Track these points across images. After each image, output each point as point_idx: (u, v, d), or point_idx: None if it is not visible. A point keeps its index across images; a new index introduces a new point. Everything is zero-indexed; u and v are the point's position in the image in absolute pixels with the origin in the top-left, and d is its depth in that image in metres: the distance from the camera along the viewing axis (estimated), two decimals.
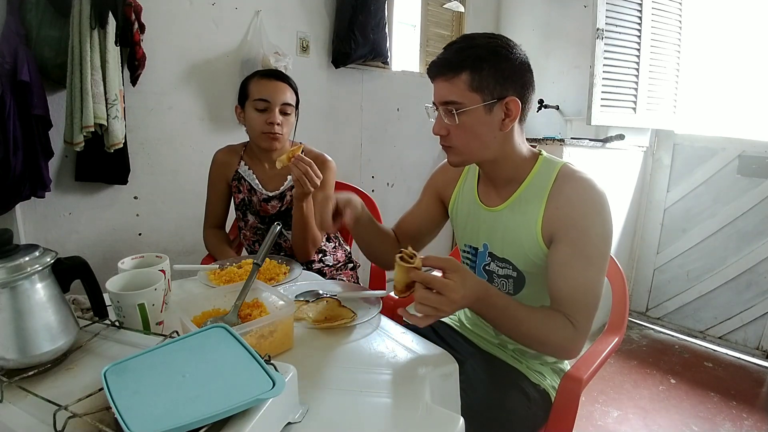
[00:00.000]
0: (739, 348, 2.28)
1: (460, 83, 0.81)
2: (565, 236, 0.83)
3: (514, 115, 0.84)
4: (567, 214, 0.84)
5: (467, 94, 0.81)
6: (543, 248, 0.87)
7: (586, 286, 0.82)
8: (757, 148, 2.17)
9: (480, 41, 0.82)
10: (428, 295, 0.72)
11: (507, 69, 0.82)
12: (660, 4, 2.23)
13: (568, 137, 2.27)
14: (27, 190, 1.42)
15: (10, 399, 0.60)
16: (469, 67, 0.80)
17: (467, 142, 0.86)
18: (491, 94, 0.81)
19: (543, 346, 0.85)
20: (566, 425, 0.91)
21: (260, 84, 1.27)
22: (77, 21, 1.38)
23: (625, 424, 1.76)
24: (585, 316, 0.82)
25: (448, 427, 0.60)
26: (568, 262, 0.83)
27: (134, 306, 0.77)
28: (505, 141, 0.87)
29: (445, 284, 0.72)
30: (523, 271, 0.92)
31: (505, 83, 0.82)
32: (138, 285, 0.80)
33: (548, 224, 0.86)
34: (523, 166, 0.91)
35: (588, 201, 0.84)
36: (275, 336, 0.74)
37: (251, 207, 1.40)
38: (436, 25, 2.76)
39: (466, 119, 0.83)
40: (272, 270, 1.08)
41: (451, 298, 0.72)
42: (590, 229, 0.83)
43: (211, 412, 0.48)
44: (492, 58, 0.81)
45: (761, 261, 2.18)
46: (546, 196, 0.87)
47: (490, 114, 0.83)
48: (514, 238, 0.91)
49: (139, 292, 0.77)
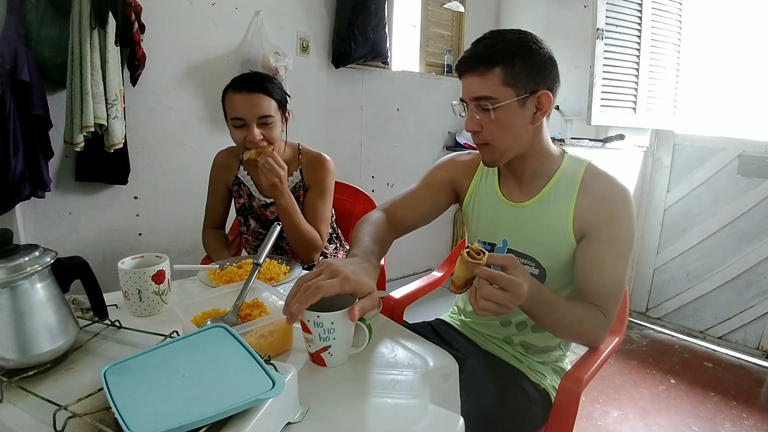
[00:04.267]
0: (739, 348, 2.28)
1: (493, 78, 0.82)
2: (598, 232, 0.86)
3: (546, 109, 0.85)
4: (600, 210, 0.86)
5: (501, 89, 0.82)
6: (573, 243, 0.89)
7: (617, 279, 0.86)
8: (757, 148, 2.17)
9: (509, 36, 0.83)
10: (494, 291, 0.72)
11: (538, 63, 0.83)
12: (660, 4, 2.23)
13: (568, 137, 2.27)
14: (27, 190, 1.42)
15: (10, 399, 0.60)
16: (502, 61, 0.81)
17: (501, 136, 0.86)
18: (524, 88, 0.82)
19: (578, 337, 0.90)
20: (566, 425, 0.91)
21: (234, 100, 1.20)
22: (77, 21, 1.39)
23: (625, 424, 1.76)
24: (615, 306, 0.87)
25: (448, 427, 0.60)
26: (601, 257, 0.85)
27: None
28: (534, 135, 0.88)
29: (511, 281, 0.71)
30: (545, 267, 0.92)
31: (537, 77, 0.83)
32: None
33: (580, 220, 0.87)
34: (550, 161, 0.92)
35: (618, 197, 0.86)
36: (275, 336, 0.74)
37: (252, 212, 1.39)
38: (436, 25, 2.76)
39: (501, 114, 0.83)
40: (272, 270, 1.08)
41: (517, 294, 0.71)
42: (621, 225, 0.85)
43: (211, 412, 0.48)
44: (523, 53, 0.81)
45: (761, 261, 2.18)
46: (576, 191, 0.88)
47: (523, 108, 0.84)
48: (542, 233, 0.91)
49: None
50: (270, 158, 1.15)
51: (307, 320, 0.69)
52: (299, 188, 1.34)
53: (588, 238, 0.87)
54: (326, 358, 0.71)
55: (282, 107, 1.26)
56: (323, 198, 1.33)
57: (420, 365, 0.73)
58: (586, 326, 0.85)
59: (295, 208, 1.22)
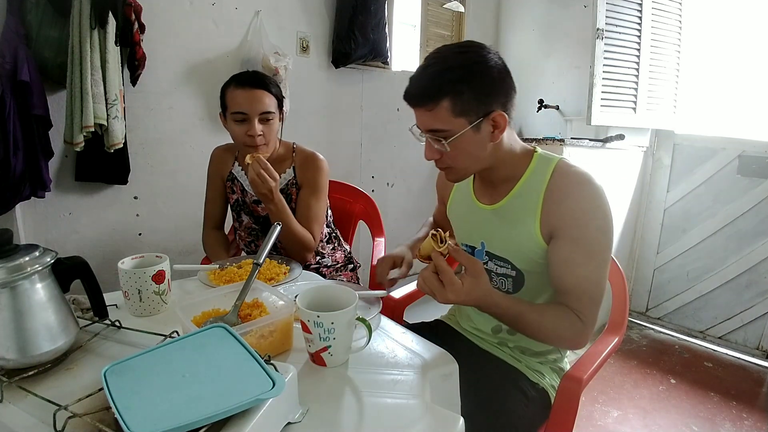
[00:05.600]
0: (739, 348, 2.28)
1: (442, 111, 0.79)
2: (564, 233, 0.84)
3: (503, 126, 0.82)
4: (565, 210, 0.84)
5: (452, 121, 0.80)
6: (542, 245, 0.87)
7: (590, 280, 0.83)
8: (757, 148, 2.17)
9: (453, 61, 0.80)
10: (432, 279, 0.76)
11: (487, 85, 0.80)
12: (660, 4, 2.23)
13: (568, 137, 2.27)
14: (27, 190, 1.42)
15: (10, 399, 0.60)
16: (449, 92, 0.78)
17: (461, 160, 0.86)
18: (476, 114, 0.80)
19: (553, 342, 0.90)
20: (566, 425, 0.91)
21: (236, 94, 1.22)
22: (77, 21, 1.38)
23: (625, 424, 1.76)
24: (591, 309, 0.84)
25: (448, 427, 0.60)
26: (569, 257, 0.83)
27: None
28: (497, 148, 0.87)
29: (451, 282, 0.74)
30: (521, 269, 0.92)
31: (488, 99, 0.80)
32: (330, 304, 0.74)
33: (547, 221, 0.86)
34: (519, 164, 0.91)
35: (586, 196, 0.84)
36: (275, 336, 0.74)
37: (245, 207, 1.40)
38: (436, 25, 2.76)
39: (456, 143, 0.82)
40: (272, 270, 1.08)
41: (448, 297, 0.75)
42: (590, 224, 0.83)
43: (211, 412, 0.48)
44: (470, 78, 0.78)
45: (761, 261, 2.18)
46: (543, 192, 0.86)
47: (478, 132, 0.82)
48: (512, 235, 0.90)
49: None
50: (262, 169, 1.14)
51: (307, 320, 0.69)
52: (292, 186, 1.34)
53: (556, 240, 0.85)
54: (326, 358, 0.71)
55: (280, 106, 1.29)
56: (316, 197, 1.33)
57: (420, 365, 0.74)
58: (559, 333, 0.84)
59: (286, 212, 1.22)
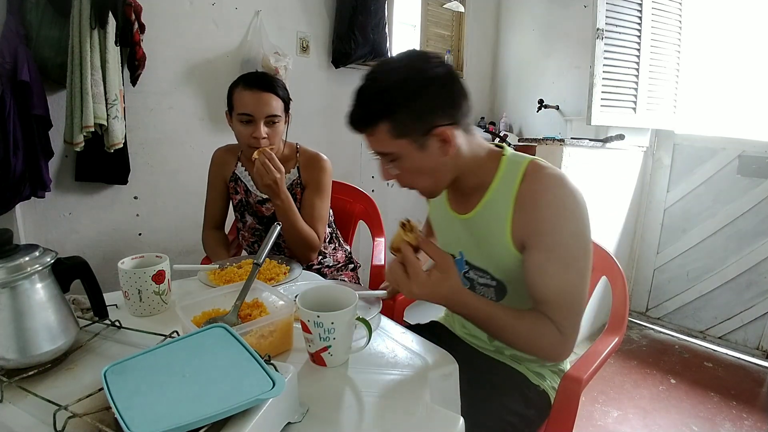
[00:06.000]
0: (739, 348, 2.28)
1: (381, 134, 0.76)
2: (536, 241, 0.79)
3: (451, 139, 0.77)
4: (536, 217, 0.79)
5: (393, 143, 0.77)
6: (516, 254, 0.83)
7: (567, 290, 0.79)
8: (757, 148, 2.17)
9: (386, 81, 0.76)
10: (398, 271, 0.75)
11: (424, 101, 0.75)
12: (660, 4, 2.23)
13: (568, 137, 2.26)
14: (27, 190, 1.42)
15: (10, 399, 0.60)
16: (384, 116, 0.75)
17: (419, 180, 0.83)
18: (418, 132, 0.76)
19: (530, 351, 0.85)
20: (566, 425, 0.91)
21: (244, 96, 1.23)
22: (77, 21, 1.38)
23: (625, 424, 1.76)
24: (570, 320, 0.79)
25: (448, 427, 0.60)
26: (543, 267, 0.79)
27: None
28: (455, 159, 0.81)
29: (416, 274, 0.74)
30: (500, 279, 0.88)
31: (428, 117, 0.75)
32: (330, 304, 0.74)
33: (518, 229, 0.82)
34: (486, 169, 0.86)
35: (557, 201, 0.79)
36: (275, 336, 0.74)
37: (249, 208, 1.40)
38: (436, 25, 2.76)
39: (405, 164, 0.79)
40: (272, 270, 1.08)
41: (412, 289, 0.74)
42: (562, 231, 0.78)
43: (211, 412, 0.48)
44: (404, 99, 0.74)
45: (761, 261, 2.18)
46: (513, 198, 0.82)
47: (426, 150, 0.78)
48: (487, 246, 0.87)
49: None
50: (267, 160, 1.15)
51: (307, 320, 0.69)
52: (296, 186, 1.35)
53: (528, 249, 0.81)
54: (326, 358, 0.71)
55: (286, 109, 1.30)
56: (320, 197, 1.34)
57: (420, 365, 0.74)
58: (535, 341, 0.80)
59: (292, 209, 1.23)
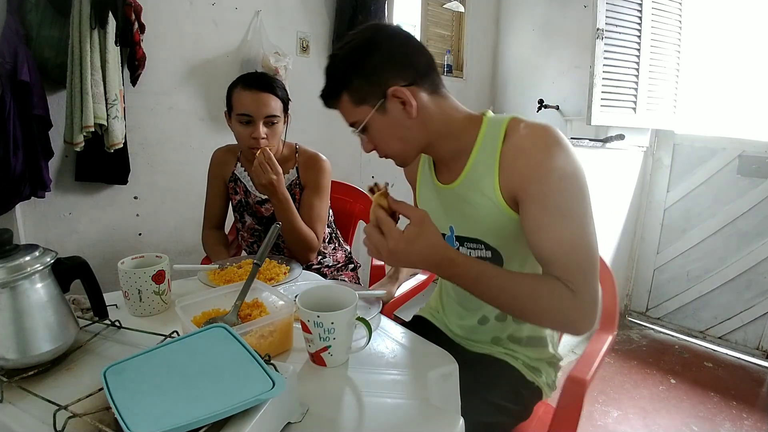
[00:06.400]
0: (739, 348, 2.28)
1: (345, 105, 0.81)
2: (527, 193, 0.75)
3: (409, 99, 0.77)
4: (521, 167, 0.75)
5: (357, 111, 0.80)
6: (510, 215, 0.79)
7: (571, 242, 0.71)
8: (757, 148, 2.17)
9: (339, 55, 0.80)
10: (373, 233, 0.71)
11: (375, 65, 0.77)
12: (660, 4, 2.23)
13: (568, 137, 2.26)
14: (27, 190, 1.42)
15: (10, 399, 0.60)
16: (342, 86, 0.79)
17: (391, 145, 0.84)
18: (374, 96, 0.78)
19: (543, 318, 0.75)
20: (570, 426, 0.91)
21: (243, 96, 1.23)
22: (77, 21, 1.38)
23: (625, 424, 1.76)
24: (581, 277, 0.70)
25: (448, 427, 0.60)
26: (539, 220, 0.73)
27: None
28: (425, 122, 0.81)
29: (390, 229, 0.69)
30: (496, 247, 0.84)
31: (379, 80, 0.77)
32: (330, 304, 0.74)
33: (506, 185, 0.78)
34: (466, 133, 0.84)
35: (541, 145, 0.75)
36: (275, 336, 0.74)
37: (248, 208, 1.40)
38: (436, 25, 2.76)
39: (373, 131, 0.82)
40: (272, 270, 1.08)
41: (390, 246, 0.69)
42: (551, 176, 0.73)
43: (211, 412, 0.48)
44: (354, 67, 0.78)
45: (761, 261, 2.18)
46: (497, 157, 0.79)
47: (387, 113, 0.79)
48: (478, 212, 0.83)
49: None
50: (266, 160, 1.16)
51: (307, 320, 0.69)
52: (295, 186, 1.35)
53: (522, 204, 0.76)
54: (326, 358, 0.71)
55: (285, 109, 1.30)
56: (320, 197, 1.34)
57: (420, 365, 0.74)
58: (543, 304, 0.71)
59: (291, 209, 1.23)
